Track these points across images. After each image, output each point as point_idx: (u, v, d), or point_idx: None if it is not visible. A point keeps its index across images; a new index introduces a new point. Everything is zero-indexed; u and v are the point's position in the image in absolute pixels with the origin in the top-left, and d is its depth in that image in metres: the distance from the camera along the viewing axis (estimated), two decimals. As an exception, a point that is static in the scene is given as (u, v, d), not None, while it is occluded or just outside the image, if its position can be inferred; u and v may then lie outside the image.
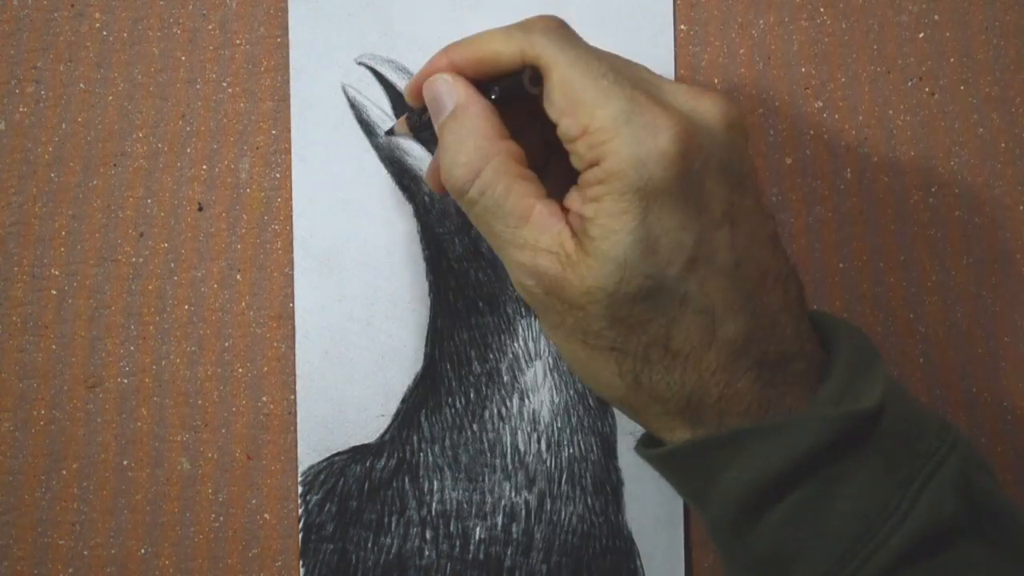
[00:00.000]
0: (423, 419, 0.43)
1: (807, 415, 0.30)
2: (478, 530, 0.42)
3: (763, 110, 0.44)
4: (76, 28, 0.44)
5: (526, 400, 0.42)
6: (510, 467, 0.42)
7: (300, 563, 0.42)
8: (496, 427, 0.42)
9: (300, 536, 0.42)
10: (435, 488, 0.42)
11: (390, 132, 0.43)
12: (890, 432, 0.31)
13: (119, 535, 0.42)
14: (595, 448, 0.42)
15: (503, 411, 0.42)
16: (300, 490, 0.42)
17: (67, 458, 0.42)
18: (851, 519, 0.30)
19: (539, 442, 0.42)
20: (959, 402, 0.43)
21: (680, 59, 0.44)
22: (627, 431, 0.42)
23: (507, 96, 0.34)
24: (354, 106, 0.43)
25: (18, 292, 0.43)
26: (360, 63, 0.43)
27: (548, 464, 0.42)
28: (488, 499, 0.42)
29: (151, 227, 0.43)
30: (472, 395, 0.43)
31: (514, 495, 0.42)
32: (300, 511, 0.42)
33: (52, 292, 0.43)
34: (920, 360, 0.44)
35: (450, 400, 0.43)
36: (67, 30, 0.44)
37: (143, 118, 0.43)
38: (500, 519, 0.42)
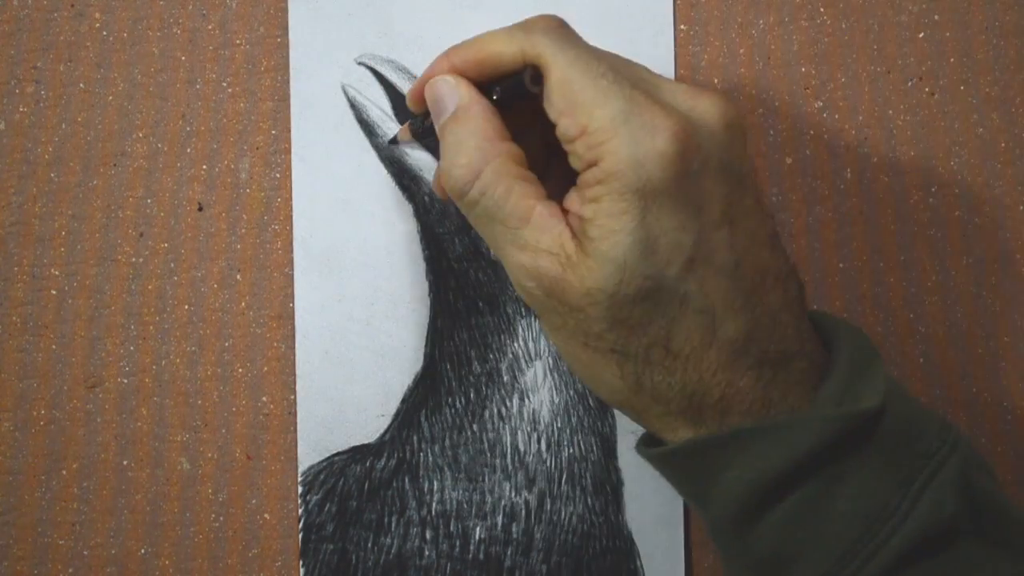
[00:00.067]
0: (423, 419, 0.43)
1: (808, 415, 0.30)
2: (478, 530, 0.42)
3: (763, 110, 0.44)
4: (76, 28, 0.44)
5: (526, 400, 0.42)
6: (510, 467, 0.42)
7: (300, 563, 0.42)
8: (496, 427, 0.42)
9: (300, 536, 0.42)
10: (435, 488, 0.42)
11: (393, 140, 0.42)
12: (891, 432, 0.31)
13: (119, 535, 0.42)
14: (595, 448, 0.42)
15: (503, 411, 0.42)
16: (300, 490, 0.42)
17: (67, 458, 0.42)
18: (852, 519, 0.30)
19: (539, 442, 0.42)
20: (959, 402, 0.43)
21: (680, 59, 0.44)
22: (627, 431, 0.42)
23: (509, 96, 0.33)
24: (354, 106, 0.43)
25: (18, 292, 0.43)
26: (360, 63, 0.43)
27: (548, 464, 0.42)
28: (488, 499, 0.42)
29: (151, 227, 0.43)
30: (472, 395, 0.43)
31: (514, 495, 0.42)
32: (300, 511, 0.42)
33: (52, 292, 0.43)
34: (920, 360, 0.44)
35: (450, 400, 0.43)
36: (67, 30, 0.44)
37: (143, 118, 0.43)
38: (500, 519, 0.42)
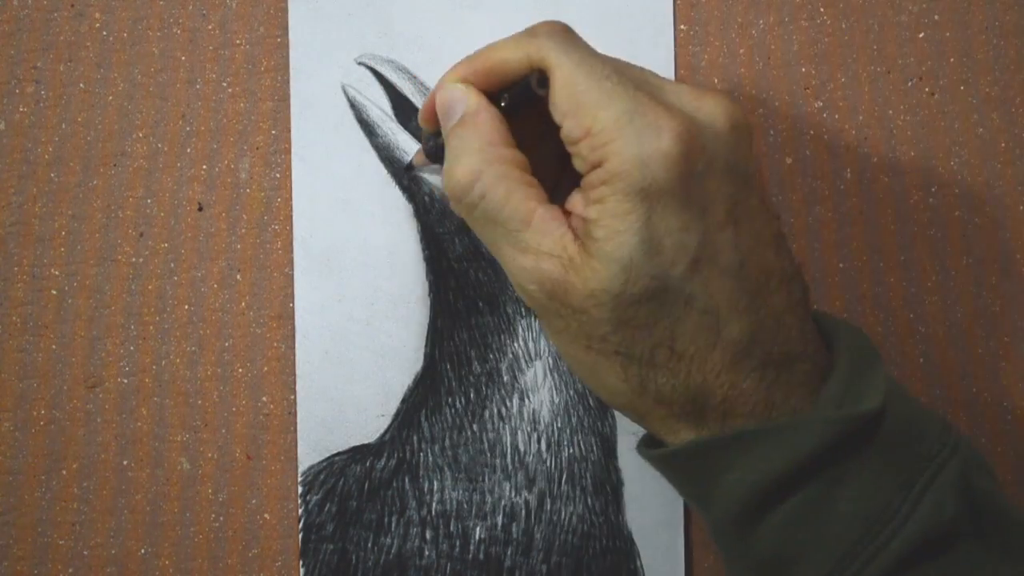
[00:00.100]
0: (423, 419, 0.43)
1: (809, 417, 0.30)
2: (478, 530, 0.42)
3: (763, 110, 0.44)
4: (76, 28, 0.44)
5: (526, 400, 0.42)
6: (510, 467, 0.42)
7: (300, 563, 0.42)
8: (496, 427, 0.42)
9: (300, 536, 0.42)
10: (435, 488, 0.42)
11: (409, 167, 0.42)
12: (891, 434, 0.31)
13: (119, 535, 0.42)
14: (595, 448, 0.42)
15: (503, 411, 0.42)
16: (300, 490, 0.42)
17: (67, 458, 0.42)
18: (852, 521, 0.30)
19: (539, 442, 0.42)
20: (959, 402, 0.43)
21: (680, 59, 0.44)
22: (627, 431, 0.42)
23: (516, 101, 0.34)
24: (354, 106, 0.43)
25: (18, 292, 0.43)
26: (360, 63, 0.43)
27: (548, 464, 0.42)
28: (488, 499, 0.42)
29: (151, 227, 0.43)
30: (472, 395, 0.43)
31: (514, 495, 0.42)
32: (300, 511, 0.42)
33: (52, 292, 0.43)
34: (920, 360, 0.44)
35: (450, 400, 0.43)
36: (67, 30, 0.44)
37: (143, 118, 0.43)
38: (500, 519, 0.42)
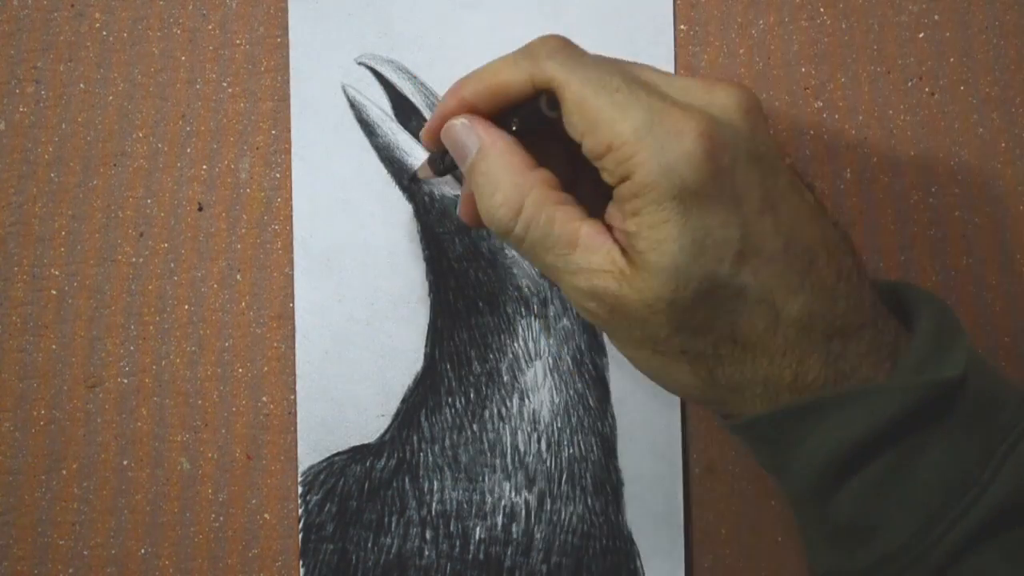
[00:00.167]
0: (423, 419, 0.43)
1: (890, 384, 0.30)
2: (478, 530, 0.42)
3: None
4: (76, 28, 0.44)
5: (526, 400, 0.42)
6: (510, 467, 0.42)
7: (300, 563, 0.42)
8: (496, 427, 0.42)
9: (300, 536, 0.42)
10: (435, 488, 0.42)
11: (414, 178, 0.42)
12: (972, 402, 0.31)
13: (119, 535, 0.42)
14: (595, 448, 0.42)
15: (503, 411, 0.42)
16: (300, 490, 0.42)
17: (67, 458, 0.42)
18: (932, 488, 0.30)
19: (539, 442, 0.42)
20: (959, 402, 0.43)
21: (680, 59, 0.44)
22: (627, 431, 0.42)
23: (527, 125, 0.34)
24: (354, 106, 0.43)
25: (18, 292, 0.43)
26: (360, 63, 0.43)
27: (548, 464, 0.42)
28: (488, 499, 0.42)
29: (151, 227, 0.43)
30: (472, 395, 0.43)
31: (514, 495, 0.42)
32: (300, 511, 0.42)
33: (52, 292, 0.43)
34: (920, 360, 0.43)
35: (450, 400, 0.43)
36: (67, 30, 0.44)
37: (143, 118, 0.43)
38: (500, 519, 0.42)
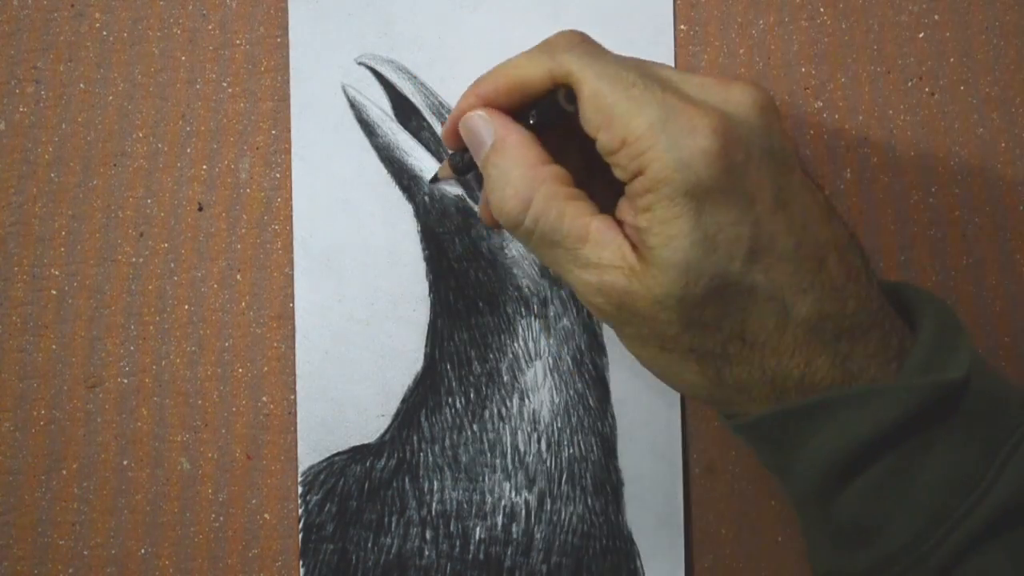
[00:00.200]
0: (423, 419, 0.43)
1: (895, 384, 0.31)
2: (478, 530, 0.42)
3: (763, 110, 0.44)
4: (76, 28, 0.44)
5: (526, 400, 0.42)
6: (510, 467, 0.42)
7: (300, 563, 0.42)
8: (496, 427, 0.42)
9: (300, 536, 0.42)
10: (435, 488, 0.42)
11: (434, 180, 0.42)
12: (975, 403, 0.31)
13: (119, 535, 0.42)
14: (595, 448, 0.42)
15: (503, 411, 0.42)
16: (300, 490, 0.42)
17: (67, 458, 0.42)
18: (936, 489, 0.30)
19: (539, 442, 0.42)
20: (959, 402, 0.43)
21: (680, 59, 0.44)
22: (627, 431, 0.42)
23: (545, 119, 0.34)
24: (354, 106, 0.43)
25: (18, 292, 0.43)
26: (360, 63, 0.43)
27: (548, 464, 0.42)
28: (488, 499, 0.42)
29: (151, 227, 0.43)
30: (472, 395, 0.43)
31: (514, 495, 0.42)
32: (300, 511, 0.42)
33: (52, 292, 0.43)
34: (920, 360, 0.43)
35: (450, 400, 0.43)
36: (67, 30, 0.44)
37: (143, 118, 0.43)
38: (500, 519, 0.42)
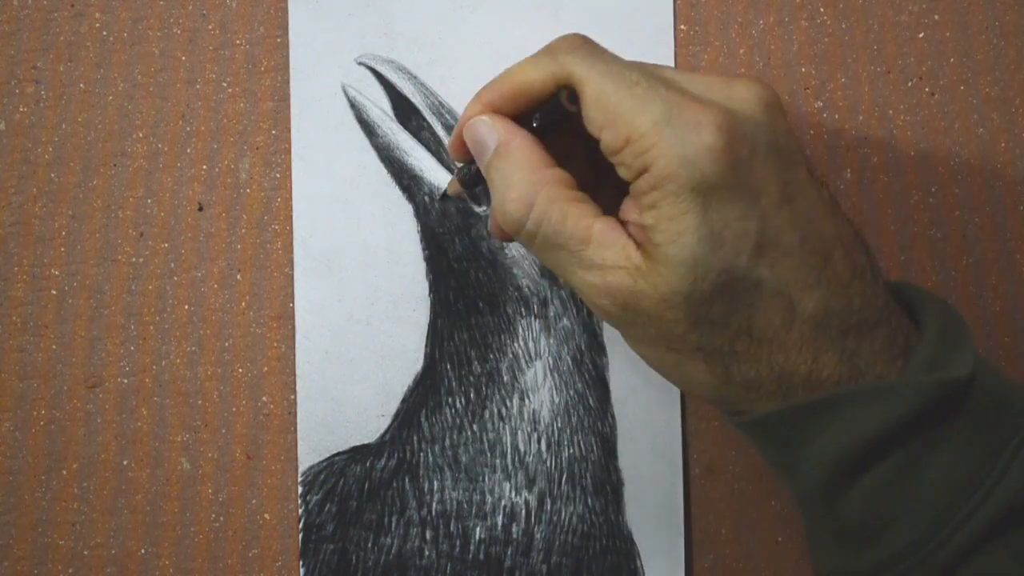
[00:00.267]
0: (423, 419, 0.43)
1: (901, 382, 0.31)
2: (478, 530, 0.42)
3: (763, 110, 0.44)
4: (76, 28, 0.44)
5: (526, 400, 0.42)
6: (510, 467, 0.42)
7: (300, 563, 0.42)
8: (496, 427, 0.42)
9: (300, 536, 0.42)
10: (435, 488, 0.42)
11: (444, 196, 0.42)
12: (980, 402, 0.31)
13: (119, 535, 0.42)
14: (595, 448, 0.42)
15: (503, 411, 0.42)
16: (300, 490, 0.42)
17: (67, 458, 0.42)
18: (941, 488, 0.30)
19: (539, 442, 0.42)
20: (959, 402, 0.43)
21: (680, 59, 0.44)
22: (627, 431, 0.42)
23: (548, 121, 0.34)
24: (354, 106, 0.43)
25: (18, 292, 0.43)
26: (360, 63, 0.43)
27: (548, 464, 0.42)
28: (488, 499, 0.42)
29: (151, 227, 0.43)
30: (472, 395, 0.43)
31: (514, 495, 0.42)
32: (300, 511, 0.42)
33: (52, 292, 0.43)
34: (920, 360, 0.43)
35: (450, 400, 0.43)
36: (67, 30, 0.44)
37: (143, 118, 0.43)
38: (500, 519, 0.42)
